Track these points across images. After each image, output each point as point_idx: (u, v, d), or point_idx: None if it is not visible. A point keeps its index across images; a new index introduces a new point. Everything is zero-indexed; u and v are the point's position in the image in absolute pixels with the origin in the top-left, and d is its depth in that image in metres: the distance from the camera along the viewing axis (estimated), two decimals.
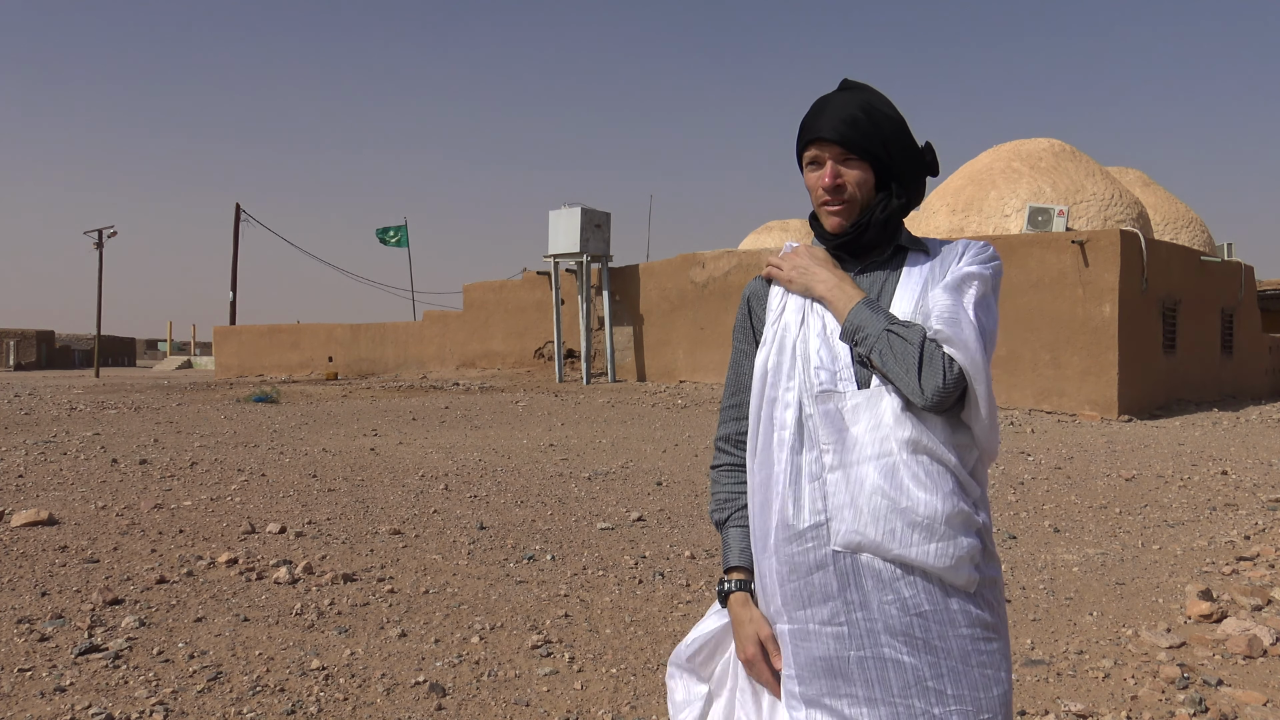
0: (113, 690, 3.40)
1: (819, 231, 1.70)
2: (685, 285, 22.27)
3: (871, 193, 1.64)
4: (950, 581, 1.51)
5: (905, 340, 1.52)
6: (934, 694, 1.51)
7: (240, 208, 42.55)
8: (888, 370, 1.53)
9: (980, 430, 1.56)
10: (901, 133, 1.65)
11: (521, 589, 4.84)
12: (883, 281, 1.66)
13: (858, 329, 1.56)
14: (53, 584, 4.78)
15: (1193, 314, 18.54)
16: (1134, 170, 25.21)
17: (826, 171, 1.63)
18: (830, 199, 1.64)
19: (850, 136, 1.60)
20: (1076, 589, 4.94)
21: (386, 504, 7.18)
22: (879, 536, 1.50)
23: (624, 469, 9.19)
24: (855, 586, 1.52)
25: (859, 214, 1.64)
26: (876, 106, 1.64)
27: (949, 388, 1.50)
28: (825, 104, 1.65)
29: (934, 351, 1.51)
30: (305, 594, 4.67)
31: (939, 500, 1.50)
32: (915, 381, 1.51)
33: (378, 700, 3.37)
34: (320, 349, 30.04)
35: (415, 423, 14.01)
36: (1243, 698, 3.41)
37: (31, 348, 61.90)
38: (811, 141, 1.64)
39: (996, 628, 1.56)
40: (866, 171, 1.63)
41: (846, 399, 1.56)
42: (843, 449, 1.54)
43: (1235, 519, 6.89)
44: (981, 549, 1.54)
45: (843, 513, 1.52)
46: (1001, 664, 1.55)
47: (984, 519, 1.56)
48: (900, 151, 1.64)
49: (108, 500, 7.18)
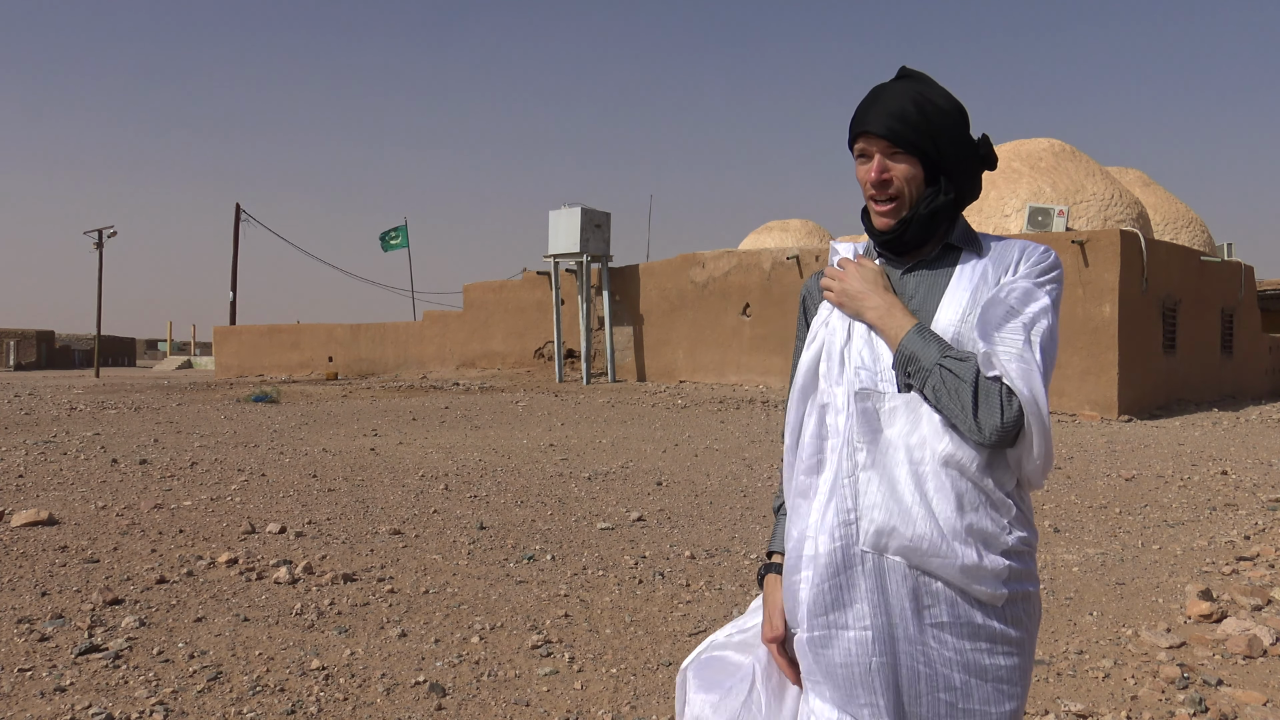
0: (113, 690, 3.40)
1: (867, 226, 1.67)
2: (685, 285, 22.27)
3: (921, 188, 1.59)
4: (973, 595, 1.49)
5: (959, 377, 1.46)
6: (944, 705, 1.50)
7: (240, 208, 42.59)
8: (941, 406, 1.48)
9: (1030, 467, 1.49)
10: (956, 126, 1.59)
11: (521, 589, 4.84)
12: (930, 283, 1.61)
13: (910, 359, 1.52)
14: (53, 584, 4.78)
15: (1193, 314, 18.54)
16: (1134, 170, 25.21)
17: (874, 166, 1.58)
18: (876, 194, 1.60)
19: (897, 130, 1.55)
20: (1076, 589, 4.94)
21: (386, 504, 7.18)
22: (905, 541, 1.48)
23: (624, 469, 9.19)
24: (880, 589, 1.50)
25: (907, 210, 1.59)
26: (930, 99, 1.58)
27: (1008, 427, 1.44)
28: (878, 95, 1.60)
29: (990, 388, 1.45)
30: (305, 594, 4.67)
31: (963, 516, 1.47)
32: (971, 419, 1.45)
33: (378, 700, 3.37)
34: (320, 349, 30.04)
35: (415, 423, 14.01)
36: (1243, 698, 3.41)
37: (31, 348, 61.90)
38: (860, 134, 1.60)
39: (1020, 644, 1.52)
40: (915, 167, 1.57)
41: (885, 400, 1.53)
42: (876, 449, 1.52)
43: (1235, 519, 6.89)
44: (1009, 566, 1.49)
45: (872, 512, 1.50)
46: (1018, 680, 1.52)
47: (1015, 539, 1.50)
48: (952, 146, 1.58)
49: (108, 500, 7.18)
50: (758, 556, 5.58)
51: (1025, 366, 1.46)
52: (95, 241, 44.12)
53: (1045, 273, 1.56)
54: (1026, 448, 1.47)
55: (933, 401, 1.49)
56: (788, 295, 20.33)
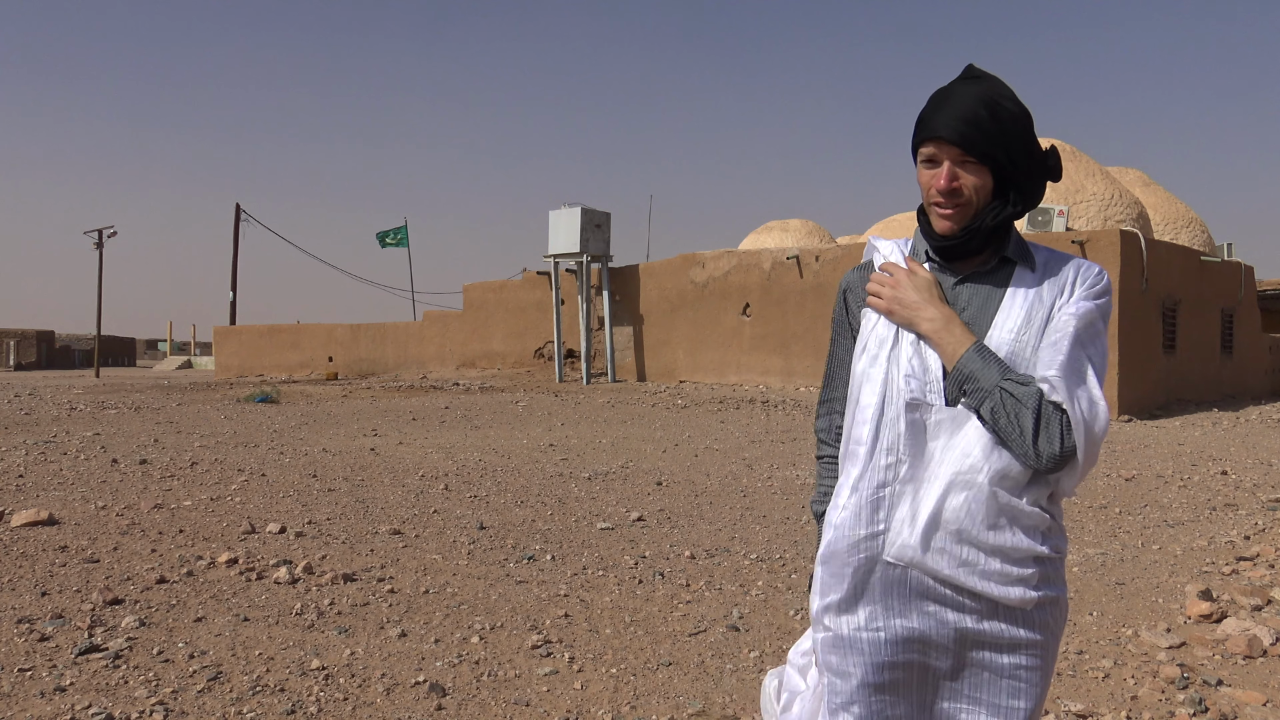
0: (113, 690, 3.40)
1: (924, 227, 1.62)
2: (685, 285, 22.27)
3: (988, 197, 1.54)
4: (1002, 602, 1.48)
5: (1020, 401, 1.44)
6: (950, 691, 1.52)
7: (240, 208, 42.59)
8: (998, 428, 1.46)
9: (1068, 484, 1.50)
10: (1026, 134, 1.53)
11: (521, 589, 4.84)
12: (985, 297, 1.57)
13: (968, 378, 1.49)
14: (53, 584, 4.78)
15: (1193, 314, 18.54)
16: (1134, 170, 25.21)
17: (943, 173, 1.52)
18: (944, 201, 1.54)
19: (971, 138, 1.49)
20: (1076, 589, 4.94)
21: (386, 504, 7.18)
22: (934, 557, 1.48)
23: (624, 469, 9.19)
24: (897, 596, 1.51)
25: (971, 219, 1.54)
26: (1002, 103, 1.51)
27: (1065, 455, 1.44)
28: (946, 96, 1.54)
29: (1052, 416, 1.44)
30: (305, 594, 4.67)
31: (999, 533, 1.47)
32: (1030, 446, 1.44)
33: (378, 700, 3.37)
34: (320, 349, 30.05)
35: (415, 423, 14.01)
36: (1243, 698, 3.41)
37: (31, 348, 61.90)
38: (929, 139, 1.54)
39: (1044, 646, 1.52)
40: (985, 176, 1.52)
41: (932, 412, 1.51)
42: (919, 463, 1.51)
43: (1235, 519, 6.89)
44: (1040, 573, 1.50)
45: (901, 526, 1.50)
46: (1039, 681, 1.52)
47: (1049, 548, 1.51)
48: (1022, 156, 1.53)
49: (108, 500, 7.18)
50: (758, 556, 5.59)
51: (1089, 396, 1.45)
52: (95, 241, 44.13)
53: (1100, 295, 1.55)
54: (1070, 471, 1.47)
55: (989, 422, 1.47)
56: (788, 295, 20.33)
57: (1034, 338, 1.51)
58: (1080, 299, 1.53)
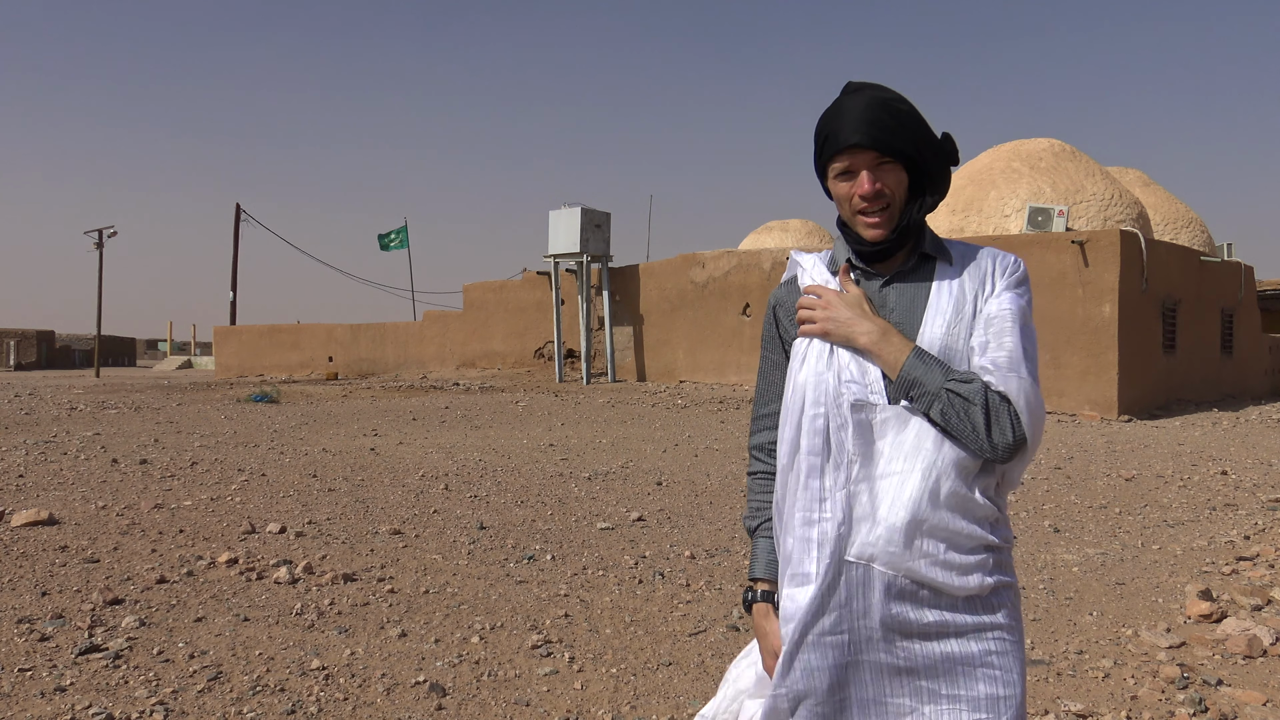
0: (113, 690, 3.40)
1: (850, 239, 1.65)
2: (685, 285, 22.27)
3: (905, 194, 1.59)
4: (962, 594, 1.51)
5: (966, 399, 1.49)
6: (926, 692, 1.53)
7: (240, 208, 42.58)
8: (950, 427, 1.51)
9: (1015, 473, 1.57)
10: (923, 126, 1.59)
11: (521, 589, 4.84)
12: (911, 295, 1.61)
13: (913, 384, 1.53)
14: (53, 584, 4.78)
15: (1193, 314, 18.54)
16: (1134, 170, 25.21)
17: (864, 180, 1.56)
18: (869, 207, 1.57)
19: (883, 139, 1.54)
20: (1076, 589, 4.94)
21: (386, 504, 7.18)
22: (894, 550, 1.50)
23: (624, 469, 9.19)
24: (862, 597, 1.52)
25: (898, 219, 1.59)
26: (893, 104, 1.57)
27: (1019, 441, 1.49)
28: (842, 109, 1.58)
29: (1000, 408, 1.49)
30: (305, 594, 4.68)
31: (952, 521, 1.51)
32: (985, 439, 1.49)
33: (378, 700, 3.37)
34: (320, 349, 30.04)
35: (415, 423, 14.01)
36: (1243, 698, 3.41)
37: (31, 348, 61.89)
38: (839, 151, 1.57)
39: (1009, 630, 1.55)
40: (901, 174, 1.57)
41: (877, 411, 1.54)
42: (869, 462, 1.53)
43: (1235, 519, 6.89)
44: (994, 559, 1.54)
45: (860, 525, 1.52)
46: (1013, 667, 1.53)
47: (999, 538, 1.55)
48: (927, 147, 1.59)
49: (108, 500, 7.18)
50: None
51: (1029, 384, 1.51)
52: (95, 241, 44.12)
53: (1022, 283, 1.61)
54: (1020, 458, 1.54)
55: (940, 423, 1.51)
56: None
57: (965, 330, 1.56)
58: (1005, 289, 1.59)
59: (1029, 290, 1.61)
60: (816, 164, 1.64)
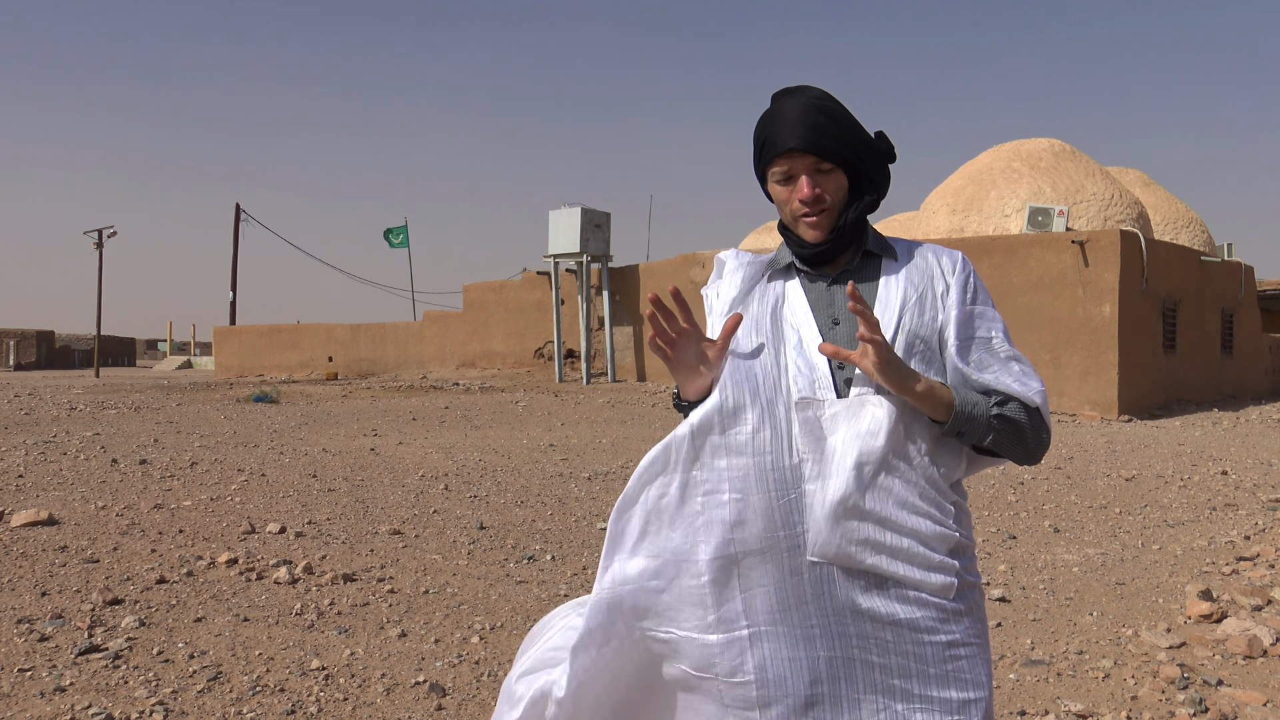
0: (113, 690, 3.40)
1: (791, 242, 1.67)
2: (685, 285, 22.26)
3: (844, 195, 1.61)
4: (926, 591, 1.51)
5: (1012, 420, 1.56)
6: (899, 692, 1.52)
7: (240, 208, 42.60)
8: (1000, 450, 1.57)
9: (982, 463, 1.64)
10: (858, 127, 1.62)
11: (521, 589, 4.84)
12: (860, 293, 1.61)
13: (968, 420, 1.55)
14: (53, 584, 4.78)
15: (1193, 314, 18.54)
16: (1134, 170, 25.21)
17: (803, 184, 1.58)
18: (809, 210, 1.60)
19: (821, 143, 1.56)
20: (1076, 589, 4.94)
21: (386, 504, 7.18)
22: (854, 548, 1.49)
23: (624, 469, 9.19)
24: (829, 595, 1.51)
25: (836, 219, 1.61)
26: (829, 106, 1.60)
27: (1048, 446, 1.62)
28: (778, 114, 1.60)
29: (1039, 424, 1.58)
30: (305, 594, 4.67)
31: (915, 516, 1.51)
32: (1038, 455, 1.60)
33: (378, 700, 3.37)
34: (320, 349, 30.04)
35: (415, 423, 14.01)
36: (1243, 698, 3.41)
37: (31, 348, 61.89)
38: (778, 155, 1.59)
39: (975, 631, 1.55)
40: (840, 177, 1.60)
41: (825, 407, 1.53)
42: (821, 459, 1.52)
43: (1235, 519, 6.89)
44: (956, 559, 1.54)
45: (819, 524, 1.50)
46: (980, 668, 1.53)
47: (961, 535, 1.55)
48: (864, 147, 1.61)
49: (108, 500, 7.18)
50: None
51: (1042, 388, 1.58)
52: (95, 241, 44.11)
53: (975, 278, 1.64)
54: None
55: (991, 449, 1.57)
56: None
57: (926, 325, 1.59)
58: (965, 289, 1.62)
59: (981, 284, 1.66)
60: (756, 168, 1.67)
